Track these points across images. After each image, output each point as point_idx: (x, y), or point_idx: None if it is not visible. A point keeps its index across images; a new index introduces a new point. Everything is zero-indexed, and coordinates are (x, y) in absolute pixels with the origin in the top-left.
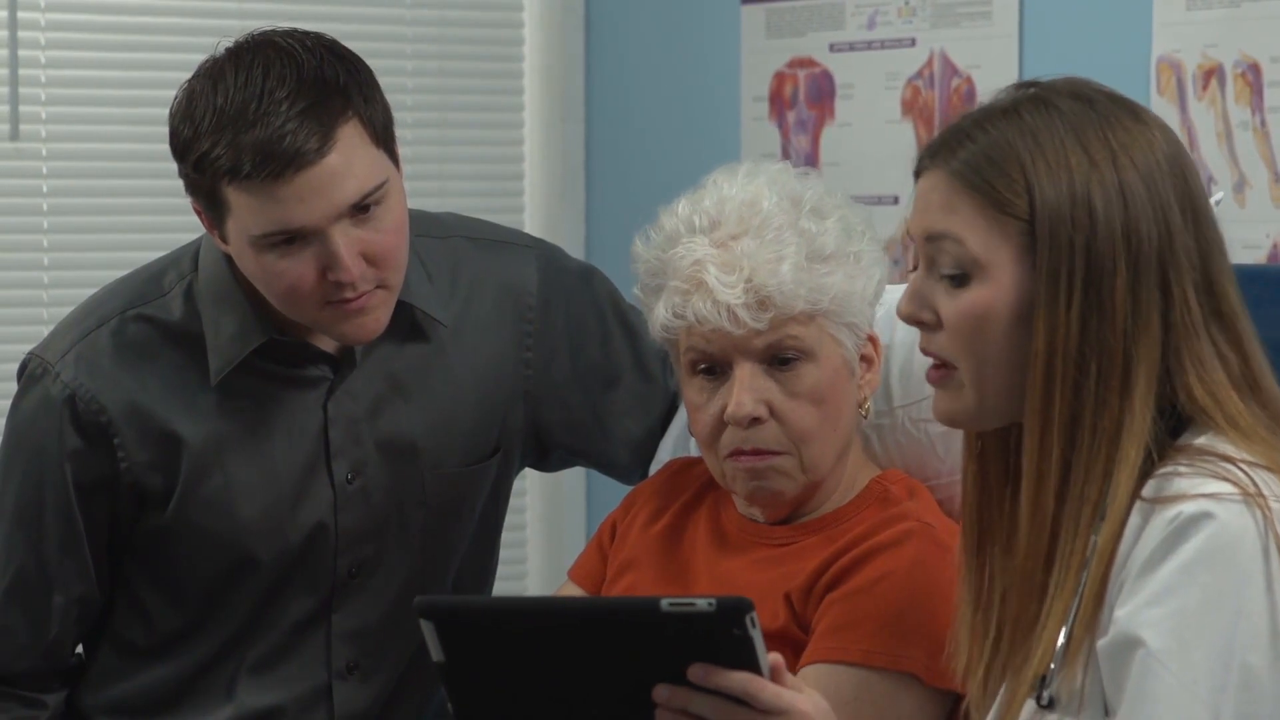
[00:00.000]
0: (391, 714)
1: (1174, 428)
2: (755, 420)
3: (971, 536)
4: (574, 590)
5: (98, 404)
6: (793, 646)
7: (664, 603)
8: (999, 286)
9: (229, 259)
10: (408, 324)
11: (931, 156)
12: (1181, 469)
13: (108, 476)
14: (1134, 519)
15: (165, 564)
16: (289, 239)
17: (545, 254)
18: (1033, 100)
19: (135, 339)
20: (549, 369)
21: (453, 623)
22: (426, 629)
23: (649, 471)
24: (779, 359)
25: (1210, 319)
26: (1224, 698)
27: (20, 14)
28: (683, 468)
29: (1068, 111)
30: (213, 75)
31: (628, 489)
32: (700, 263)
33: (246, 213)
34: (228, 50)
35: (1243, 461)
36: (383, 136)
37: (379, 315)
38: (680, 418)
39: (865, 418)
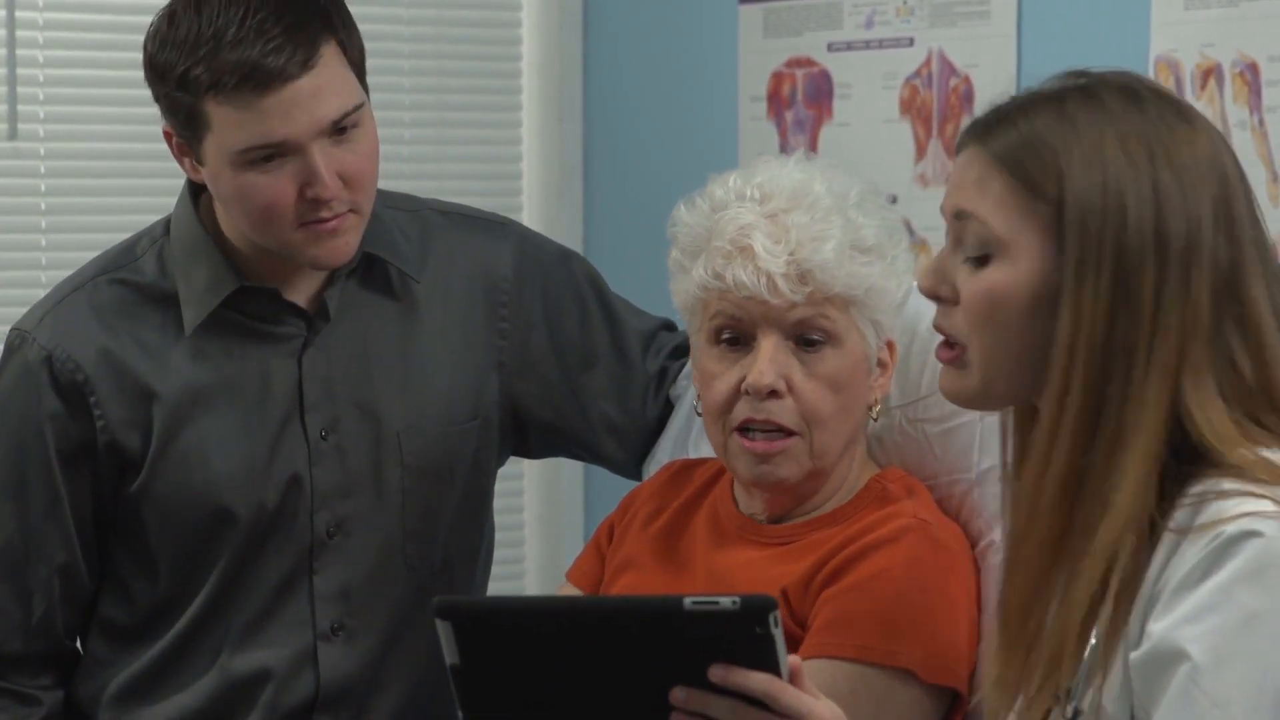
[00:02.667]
0: (382, 677)
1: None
2: (773, 393)
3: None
4: (572, 592)
5: (73, 362)
6: (789, 642)
7: (687, 601)
8: (1019, 269)
9: (197, 212)
10: (383, 280)
11: (972, 134)
12: (1222, 484)
13: (87, 440)
14: (1169, 534)
15: (142, 531)
16: (269, 155)
17: (520, 232)
18: (1079, 91)
19: (109, 299)
20: (525, 342)
21: (470, 623)
22: (443, 629)
23: (644, 470)
24: (805, 339)
25: (1224, 323)
26: None
27: (18, 13)
28: (681, 469)
29: (1112, 106)
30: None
31: (626, 490)
32: (749, 227)
33: (229, 127)
34: None
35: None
36: (358, 65)
37: (350, 239)
38: (677, 418)
39: (875, 420)
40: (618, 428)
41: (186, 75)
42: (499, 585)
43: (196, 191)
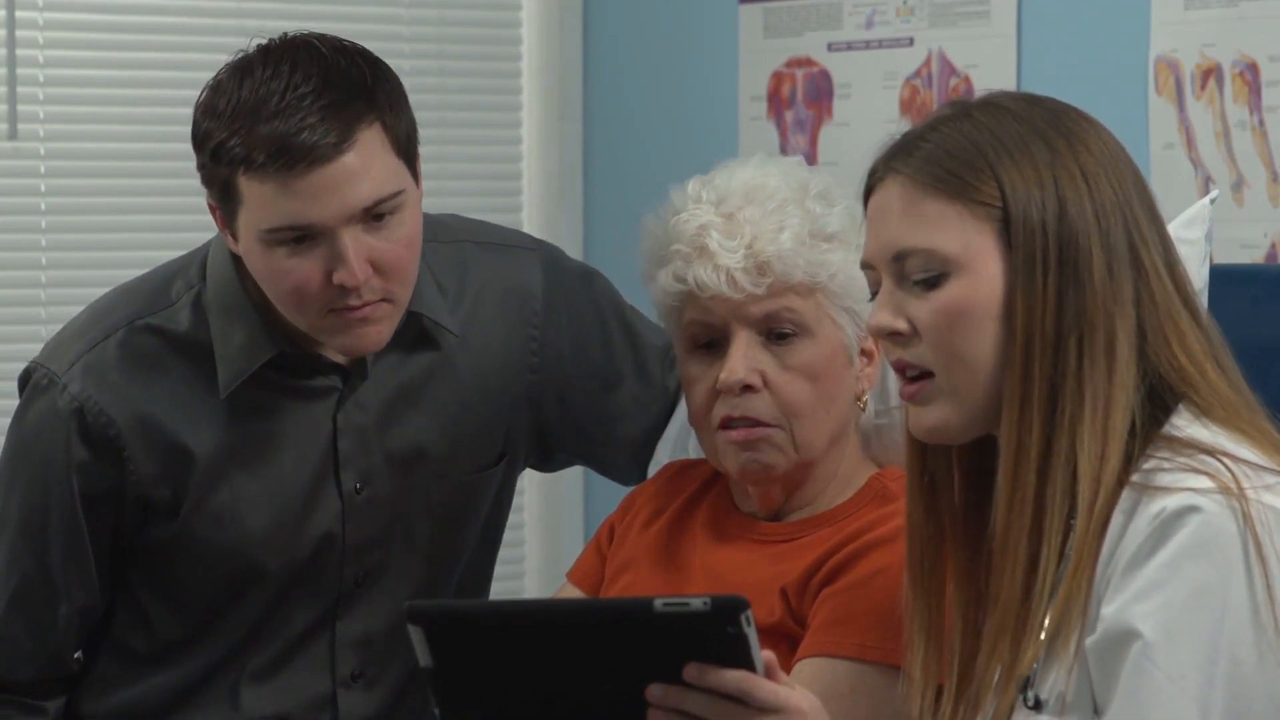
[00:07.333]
0: (397, 716)
1: (1153, 408)
2: (747, 388)
3: (919, 571)
4: (572, 592)
5: (106, 417)
6: (788, 641)
7: (657, 603)
8: (979, 278)
9: (238, 269)
10: (416, 332)
11: (886, 163)
12: (1165, 464)
13: (115, 488)
14: (1118, 516)
15: (169, 574)
16: (299, 237)
17: (548, 255)
18: (980, 103)
19: (143, 350)
20: (553, 372)
21: (442, 628)
22: (415, 634)
23: (646, 473)
24: (776, 333)
25: (1177, 296)
26: (1213, 692)
27: (18, 13)
28: (681, 470)
29: (1016, 109)
30: (240, 69)
31: (625, 491)
32: (704, 228)
33: (259, 205)
34: (259, 47)
35: (1224, 454)
36: (405, 148)
37: (382, 329)
38: (676, 419)
39: (863, 410)
40: (637, 446)
41: (221, 147)
42: (499, 585)
43: None
